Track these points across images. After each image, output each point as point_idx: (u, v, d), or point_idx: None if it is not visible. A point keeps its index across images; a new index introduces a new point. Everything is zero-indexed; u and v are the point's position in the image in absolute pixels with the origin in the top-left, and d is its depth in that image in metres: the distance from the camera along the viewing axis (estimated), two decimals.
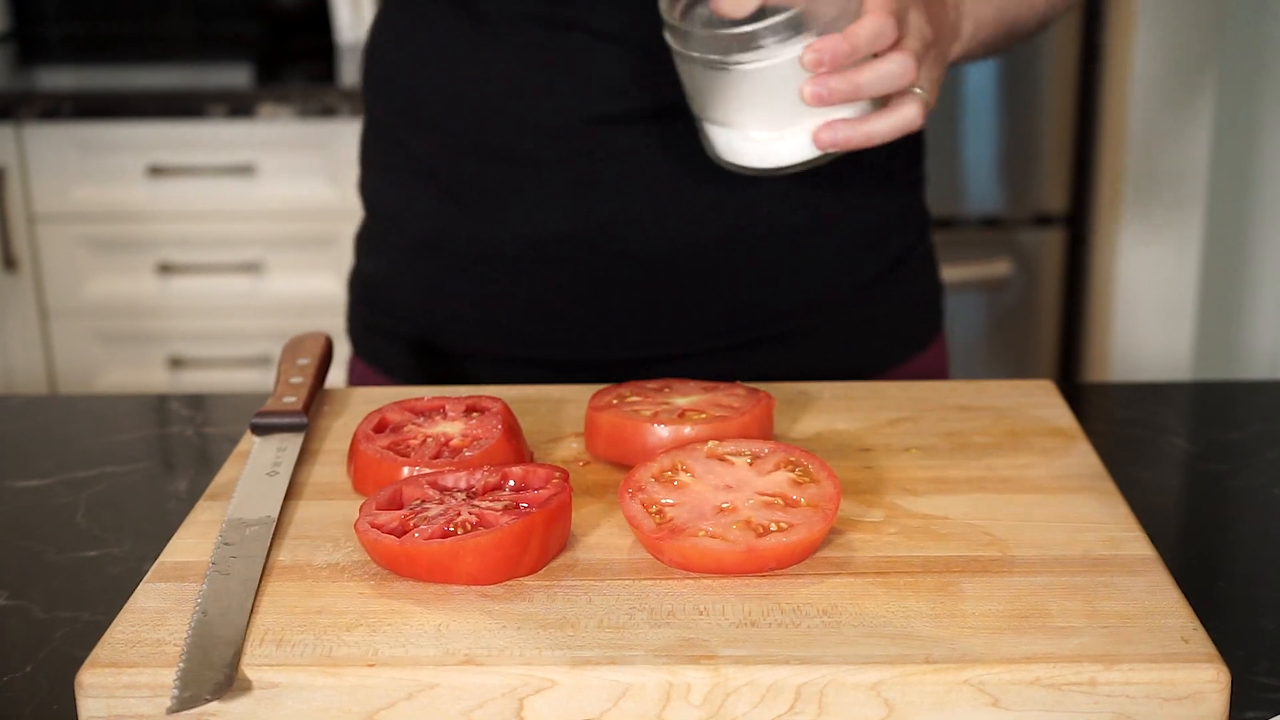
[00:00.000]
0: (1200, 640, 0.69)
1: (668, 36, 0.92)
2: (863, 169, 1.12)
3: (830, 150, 0.91)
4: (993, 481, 0.86)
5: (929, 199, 1.23)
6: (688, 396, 0.90)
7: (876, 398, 0.98)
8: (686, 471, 0.80)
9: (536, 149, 1.09)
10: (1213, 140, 2.43)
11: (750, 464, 0.80)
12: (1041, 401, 0.98)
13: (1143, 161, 2.43)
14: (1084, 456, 0.89)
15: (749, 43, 0.88)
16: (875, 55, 0.88)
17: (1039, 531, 0.80)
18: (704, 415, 0.87)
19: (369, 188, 1.22)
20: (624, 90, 1.07)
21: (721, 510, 0.77)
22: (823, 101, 0.87)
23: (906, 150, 1.17)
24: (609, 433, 0.87)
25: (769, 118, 0.91)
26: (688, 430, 0.85)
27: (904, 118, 0.90)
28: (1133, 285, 2.49)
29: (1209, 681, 0.67)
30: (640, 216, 1.09)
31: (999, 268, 2.54)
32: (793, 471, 0.79)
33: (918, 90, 0.90)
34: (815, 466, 0.80)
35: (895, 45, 0.89)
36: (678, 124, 1.05)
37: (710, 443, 0.82)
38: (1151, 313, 2.51)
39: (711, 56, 0.89)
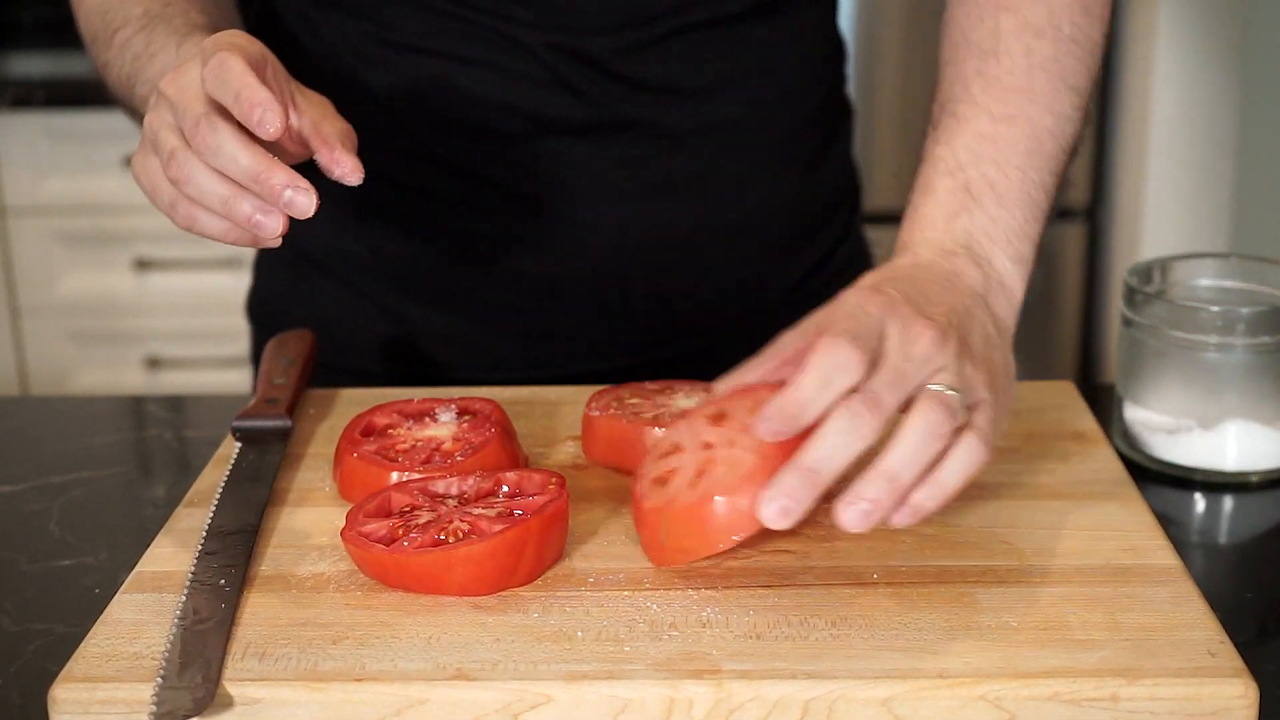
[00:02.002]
0: (1227, 654, 0.69)
1: (1129, 309, 0.95)
2: (794, 163, 1.13)
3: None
4: (1010, 487, 0.86)
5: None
6: (690, 397, 0.90)
7: None
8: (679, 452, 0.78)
9: (421, 172, 1.09)
10: (1239, 129, 2.43)
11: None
12: (1061, 403, 0.98)
13: (1166, 152, 2.43)
14: (1106, 461, 0.89)
15: None
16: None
17: (1058, 540, 0.80)
18: None
19: None
20: (514, 110, 1.06)
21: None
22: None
23: (837, 142, 1.18)
24: (607, 436, 0.88)
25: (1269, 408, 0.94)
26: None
27: (961, 463, 0.73)
28: None
29: (1237, 697, 0.67)
30: (534, 235, 1.09)
31: None
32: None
33: (947, 390, 0.74)
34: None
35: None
36: (590, 135, 1.05)
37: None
38: None
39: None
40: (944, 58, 0.93)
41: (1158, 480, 0.94)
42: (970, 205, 0.86)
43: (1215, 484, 0.94)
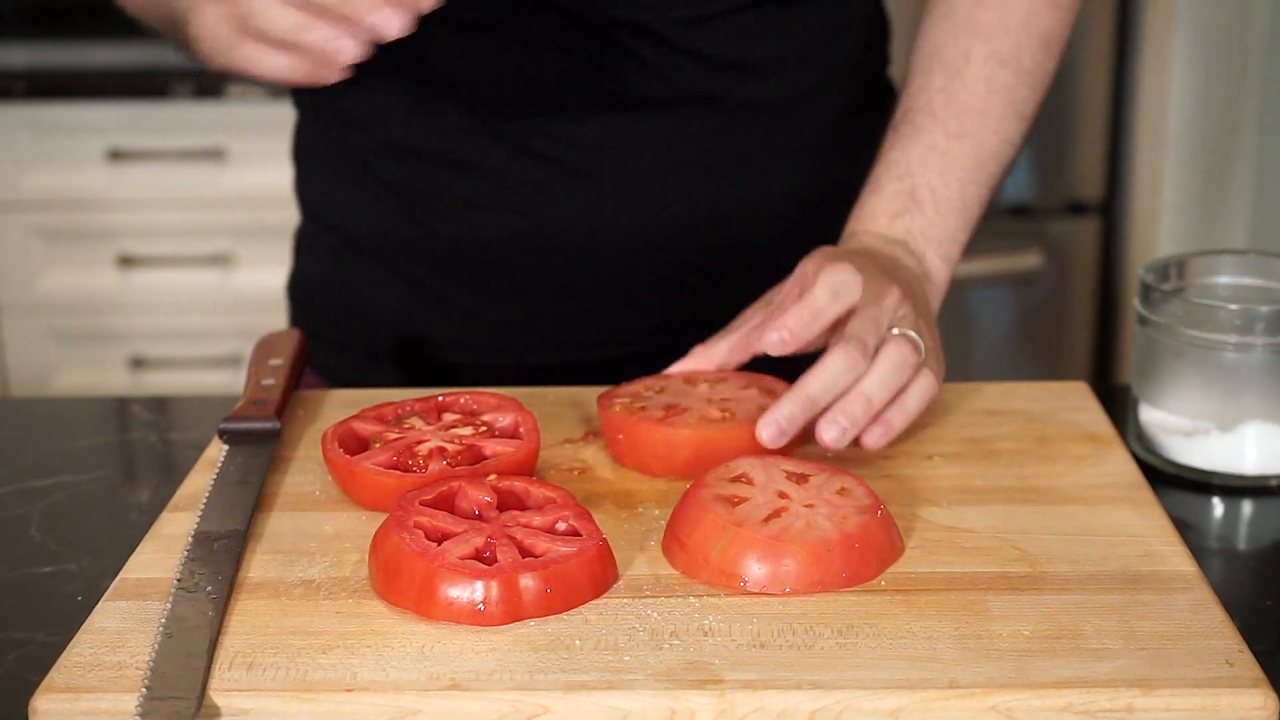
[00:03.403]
0: (1246, 663, 0.69)
1: (1143, 308, 0.96)
2: (841, 144, 1.15)
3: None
4: (1022, 491, 0.86)
5: None
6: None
7: None
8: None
9: (477, 149, 1.10)
10: (1258, 123, 2.43)
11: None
12: (1074, 405, 0.98)
13: (1183, 145, 2.43)
14: (1120, 464, 0.90)
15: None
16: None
17: (1071, 545, 0.80)
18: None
19: (302, 187, 1.23)
20: (571, 84, 1.07)
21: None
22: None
23: (882, 125, 1.19)
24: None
25: None
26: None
27: (921, 391, 0.90)
28: None
29: (1255, 708, 0.67)
30: (585, 214, 1.10)
31: (1029, 260, 2.54)
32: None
33: (907, 333, 0.90)
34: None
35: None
36: (624, 117, 1.07)
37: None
38: None
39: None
40: (914, 66, 1.06)
41: (1174, 484, 0.94)
42: (912, 208, 1.01)
43: (1234, 488, 0.94)
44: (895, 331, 0.89)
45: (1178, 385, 0.95)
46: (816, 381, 0.86)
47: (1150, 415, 0.97)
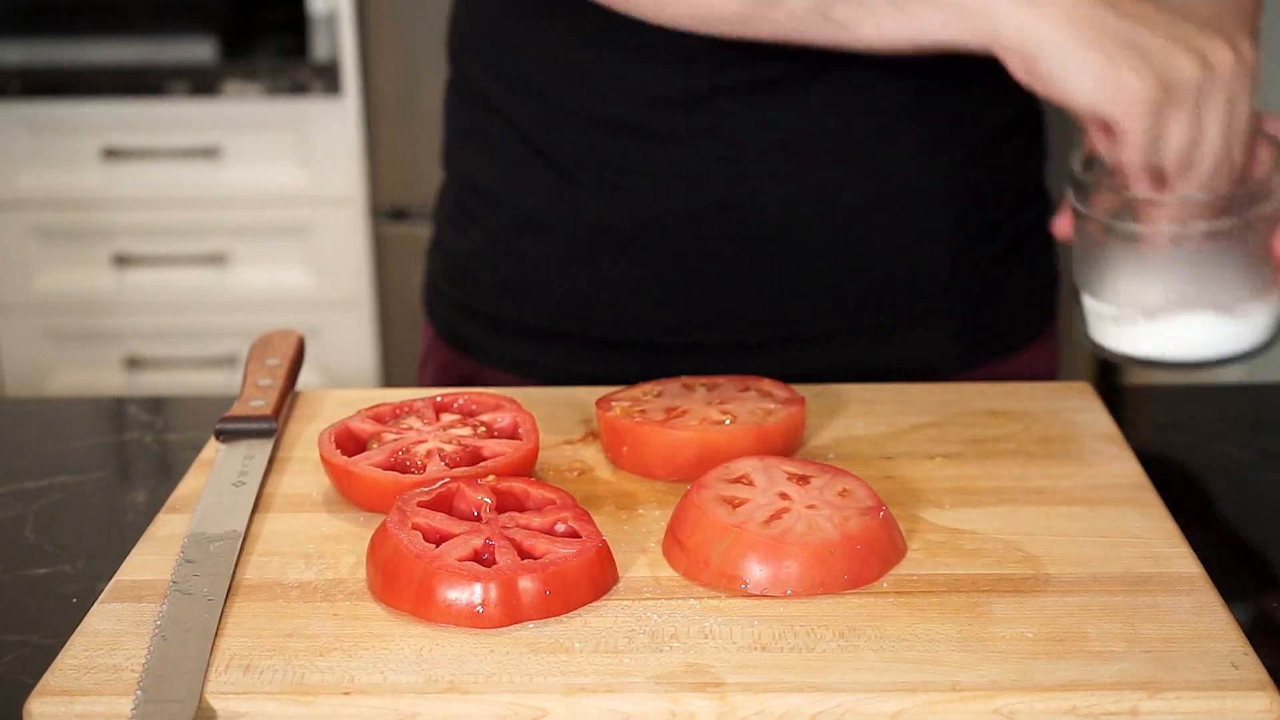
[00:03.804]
0: (1252, 666, 0.69)
1: (1076, 200, 0.94)
2: (990, 139, 1.14)
3: None
4: (1025, 493, 0.86)
5: None
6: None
7: (899, 401, 0.99)
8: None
9: (657, 121, 1.09)
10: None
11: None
12: (1078, 405, 0.98)
13: None
14: (1124, 465, 0.90)
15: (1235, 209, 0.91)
16: None
17: (1075, 547, 0.80)
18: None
19: (460, 159, 1.21)
20: (744, 59, 1.06)
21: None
22: None
23: (1028, 127, 1.18)
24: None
25: (1215, 297, 0.93)
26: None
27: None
28: None
29: (1261, 711, 0.67)
30: (761, 191, 1.10)
31: None
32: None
33: None
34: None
35: None
36: (797, 94, 1.06)
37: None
38: None
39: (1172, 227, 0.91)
40: None
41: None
42: None
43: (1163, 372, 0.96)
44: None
45: (1107, 274, 0.94)
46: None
47: (1086, 302, 0.97)
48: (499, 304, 1.18)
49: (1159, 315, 0.93)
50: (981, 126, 1.04)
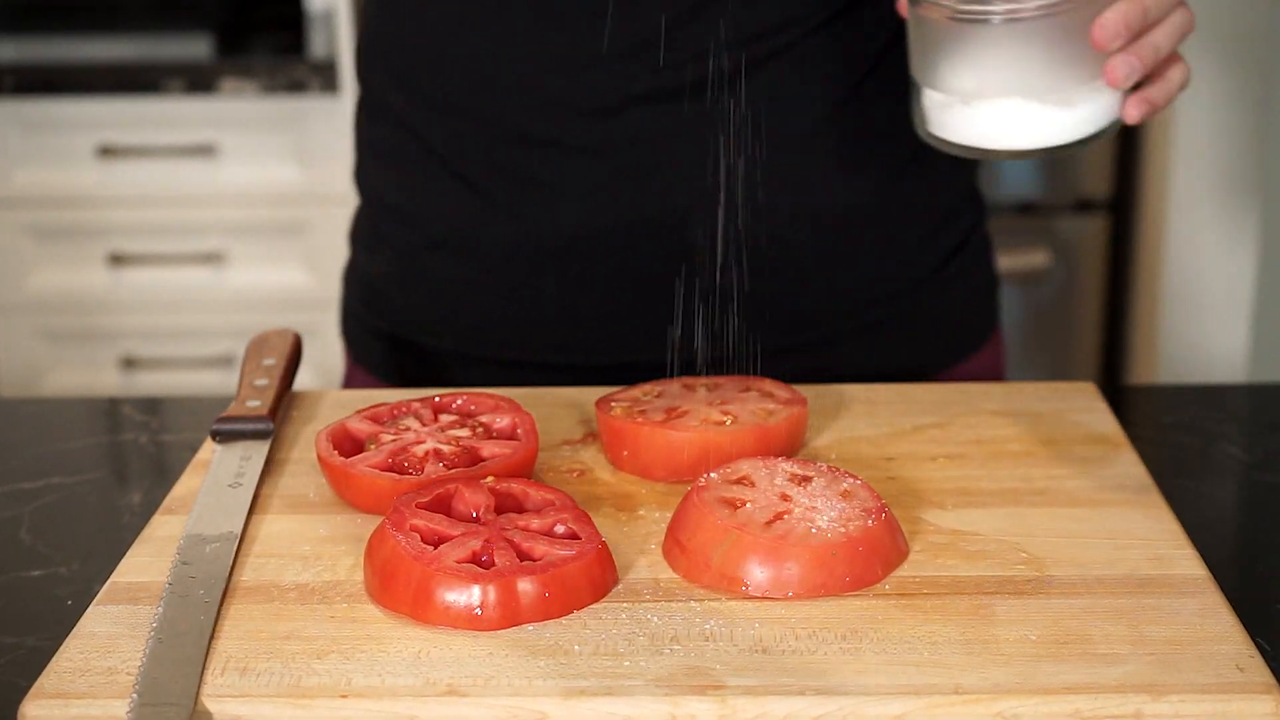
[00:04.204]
0: (1257, 669, 0.69)
1: None
2: (919, 149, 1.13)
3: (1133, 123, 0.94)
4: (1028, 494, 0.86)
5: None
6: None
7: (901, 401, 0.99)
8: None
9: (578, 133, 1.07)
10: (1267, 119, 2.43)
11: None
12: (1082, 406, 0.98)
13: (1192, 141, 2.43)
14: (1129, 466, 0.90)
15: None
16: None
17: (1079, 549, 0.80)
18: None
19: (370, 179, 1.19)
20: (658, 68, 1.05)
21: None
22: (1129, 77, 0.90)
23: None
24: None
25: (1044, 82, 0.92)
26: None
27: (1180, 75, 0.94)
28: (1182, 277, 2.49)
29: (1267, 715, 0.67)
30: (683, 207, 1.07)
31: (1036, 258, 2.54)
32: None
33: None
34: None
35: None
36: (715, 103, 1.04)
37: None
38: (1203, 308, 2.51)
39: (999, 7, 0.90)
40: None
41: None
42: None
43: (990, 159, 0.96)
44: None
45: (935, 58, 0.93)
46: (1156, 37, 0.91)
47: (919, 93, 0.96)
48: (414, 329, 1.16)
49: (982, 99, 0.92)
50: (909, 136, 1.04)
